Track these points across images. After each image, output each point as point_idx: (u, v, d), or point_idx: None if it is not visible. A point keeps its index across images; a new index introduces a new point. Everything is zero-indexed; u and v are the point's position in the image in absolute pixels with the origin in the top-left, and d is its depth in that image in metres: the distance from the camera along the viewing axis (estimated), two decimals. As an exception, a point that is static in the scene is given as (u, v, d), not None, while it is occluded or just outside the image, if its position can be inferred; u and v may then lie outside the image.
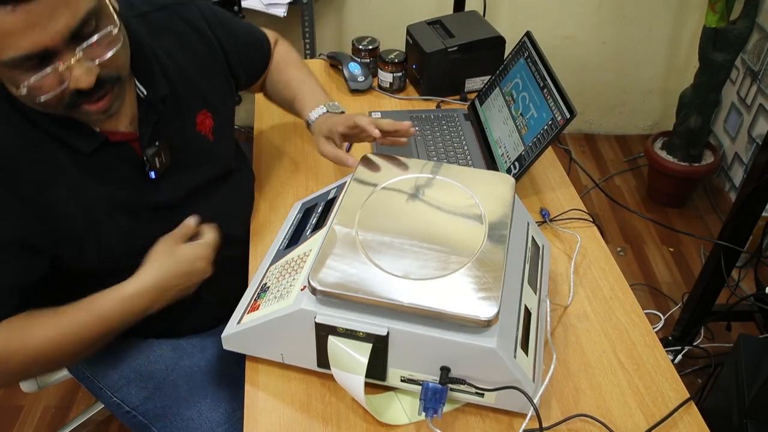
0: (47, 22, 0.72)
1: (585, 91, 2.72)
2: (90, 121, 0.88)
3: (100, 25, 0.79)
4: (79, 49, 0.77)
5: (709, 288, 1.72)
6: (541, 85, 1.21)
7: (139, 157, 0.94)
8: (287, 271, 0.93)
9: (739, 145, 2.43)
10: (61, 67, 0.76)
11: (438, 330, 0.80)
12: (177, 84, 0.99)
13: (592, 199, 2.48)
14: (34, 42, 0.72)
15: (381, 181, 0.96)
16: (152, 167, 0.95)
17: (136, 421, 1.06)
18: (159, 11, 1.01)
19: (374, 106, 1.51)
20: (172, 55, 1.00)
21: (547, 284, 1.03)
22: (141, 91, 0.94)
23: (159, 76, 0.96)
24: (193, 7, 1.06)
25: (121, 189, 0.93)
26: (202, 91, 1.04)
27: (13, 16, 0.69)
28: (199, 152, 1.04)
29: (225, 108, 1.10)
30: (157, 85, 0.95)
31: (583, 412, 0.87)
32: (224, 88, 1.11)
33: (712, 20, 2.06)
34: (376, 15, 2.52)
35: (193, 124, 1.03)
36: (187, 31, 1.04)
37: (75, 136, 0.88)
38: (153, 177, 0.96)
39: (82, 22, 0.75)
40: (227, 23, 1.12)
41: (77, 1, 0.74)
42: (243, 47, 1.16)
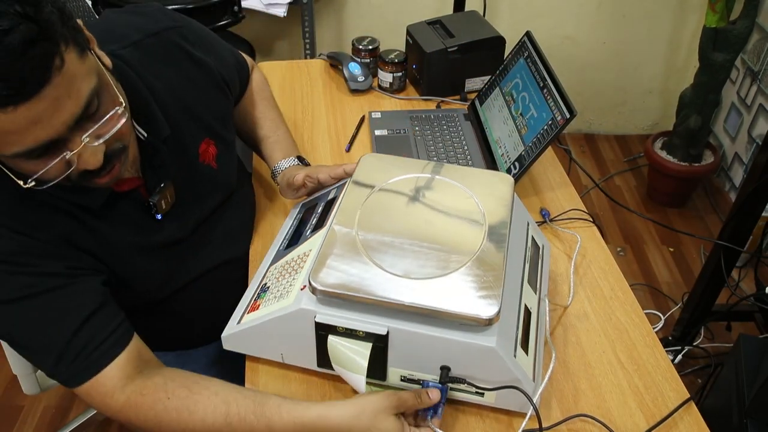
0: (51, 116, 0.68)
1: (585, 91, 2.72)
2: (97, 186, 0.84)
3: (103, 102, 0.75)
4: (86, 135, 0.74)
5: (709, 288, 1.72)
6: (541, 85, 1.21)
7: (145, 200, 0.92)
8: (287, 271, 0.93)
9: (739, 145, 2.43)
10: (68, 155, 0.73)
11: (438, 329, 0.80)
12: (177, 118, 0.96)
13: (592, 199, 2.48)
14: (38, 137, 0.69)
15: (381, 181, 0.96)
16: (158, 210, 0.93)
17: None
18: (151, 38, 0.96)
19: (374, 106, 1.51)
20: (168, 84, 0.96)
21: (547, 284, 1.03)
22: (141, 134, 0.90)
23: (158, 115, 0.92)
24: (184, 30, 1.01)
25: (132, 232, 0.92)
26: (202, 119, 1.01)
27: (15, 116, 0.65)
28: (204, 183, 1.02)
29: (226, 131, 1.08)
30: (157, 127, 0.92)
31: (583, 412, 0.87)
32: (223, 109, 1.08)
33: (712, 20, 2.06)
34: (376, 15, 2.52)
35: (196, 156, 1.00)
36: (180, 57, 0.99)
37: (81, 195, 0.85)
38: (159, 218, 0.94)
39: (86, 106, 0.72)
40: (213, 45, 1.08)
41: (79, 88, 0.70)
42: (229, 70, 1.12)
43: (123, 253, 0.91)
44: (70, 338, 0.81)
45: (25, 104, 0.65)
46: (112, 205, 0.89)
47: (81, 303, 0.83)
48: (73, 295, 0.83)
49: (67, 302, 0.82)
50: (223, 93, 1.07)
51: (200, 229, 1.03)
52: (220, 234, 1.07)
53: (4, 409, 1.75)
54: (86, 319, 0.82)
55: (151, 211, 0.93)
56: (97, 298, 0.85)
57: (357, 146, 1.39)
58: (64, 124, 0.70)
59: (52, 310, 0.81)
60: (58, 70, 0.67)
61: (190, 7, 1.86)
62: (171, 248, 0.98)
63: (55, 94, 0.67)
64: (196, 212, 1.01)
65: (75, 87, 0.70)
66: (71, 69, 0.68)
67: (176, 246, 0.99)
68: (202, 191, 1.02)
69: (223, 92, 1.07)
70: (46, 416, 1.73)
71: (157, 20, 0.99)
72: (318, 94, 1.55)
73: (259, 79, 1.27)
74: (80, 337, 0.82)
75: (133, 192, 0.92)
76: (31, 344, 0.83)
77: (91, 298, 0.84)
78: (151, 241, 0.95)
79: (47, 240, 0.82)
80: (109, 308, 0.86)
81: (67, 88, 0.69)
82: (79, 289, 0.84)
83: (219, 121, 1.05)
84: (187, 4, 1.86)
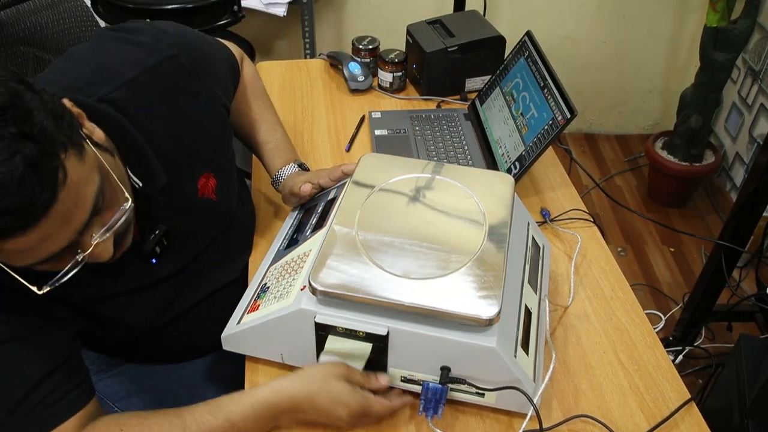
0: (60, 229, 0.68)
1: (585, 90, 2.71)
2: None
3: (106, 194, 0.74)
4: (96, 235, 0.73)
5: (710, 288, 1.72)
6: (542, 84, 1.21)
7: (139, 247, 0.90)
8: (287, 271, 0.93)
9: (740, 145, 2.42)
10: (80, 257, 0.73)
11: (438, 329, 0.79)
12: (174, 159, 0.92)
13: (593, 199, 2.48)
14: (50, 250, 0.69)
15: (381, 181, 0.96)
16: (153, 255, 0.91)
17: None
18: (145, 74, 0.90)
19: (374, 106, 1.50)
20: (164, 123, 0.91)
21: (548, 284, 1.03)
22: (136, 183, 0.86)
23: (154, 163, 0.88)
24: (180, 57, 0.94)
25: (126, 280, 0.90)
26: (200, 154, 0.97)
27: (25, 238, 0.65)
28: (203, 217, 1.00)
29: (225, 158, 1.04)
30: (153, 176, 0.88)
31: (584, 413, 0.87)
32: (221, 136, 1.03)
33: (713, 20, 2.06)
34: (376, 15, 2.52)
35: (194, 193, 0.97)
36: (177, 91, 0.94)
37: None
38: (155, 263, 0.93)
39: (93, 210, 0.71)
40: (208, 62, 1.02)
41: (84, 194, 0.70)
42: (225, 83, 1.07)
43: (117, 300, 0.90)
44: (24, 396, 0.77)
45: (36, 226, 0.65)
46: None
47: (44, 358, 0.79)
48: (37, 348, 0.79)
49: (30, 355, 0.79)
50: (221, 117, 1.03)
51: (199, 258, 1.01)
52: (219, 258, 1.04)
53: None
54: (46, 376, 0.78)
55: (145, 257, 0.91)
56: (61, 354, 0.81)
57: (357, 146, 1.38)
58: (74, 232, 0.70)
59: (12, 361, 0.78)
60: (63, 184, 0.66)
61: (190, 6, 1.86)
62: (167, 283, 0.96)
63: (62, 209, 0.66)
64: (193, 246, 0.99)
65: (80, 195, 0.69)
66: (74, 178, 0.67)
67: (173, 280, 0.97)
68: (200, 225, 1.00)
69: (221, 117, 1.03)
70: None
71: (153, 51, 0.92)
72: (318, 93, 1.55)
73: (250, 73, 1.21)
74: (35, 394, 0.77)
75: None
76: None
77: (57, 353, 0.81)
78: (147, 281, 0.93)
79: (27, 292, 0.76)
80: (73, 364, 0.83)
81: (74, 198, 0.68)
82: (46, 342, 0.81)
83: (218, 150, 1.02)
84: (186, 3, 1.86)
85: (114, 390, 1.08)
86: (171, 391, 1.06)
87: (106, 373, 1.10)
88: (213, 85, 1.01)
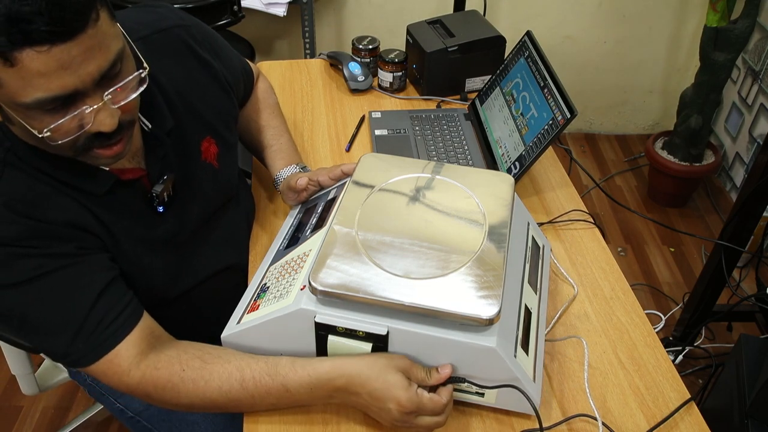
0: (80, 64, 0.70)
1: (585, 90, 2.71)
2: (98, 163, 0.85)
3: (124, 67, 0.77)
4: (107, 93, 0.75)
5: (710, 288, 1.72)
6: (542, 84, 1.21)
7: (148, 192, 0.93)
8: (287, 271, 0.93)
9: (740, 145, 2.42)
10: (87, 111, 0.74)
11: (438, 329, 0.79)
12: (181, 113, 0.97)
13: (593, 199, 2.48)
14: (65, 84, 0.70)
15: (381, 181, 0.96)
16: (160, 203, 0.94)
17: (140, 426, 1.06)
18: (158, 34, 0.97)
19: (374, 106, 1.50)
20: (173, 80, 0.97)
21: (548, 284, 1.03)
22: (145, 125, 0.92)
23: (163, 108, 0.94)
24: (192, 29, 1.02)
25: (135, 222, 0.92)
26: (205, 118, 1.02)
27: (47, 57, 0.67)
28: (206, 181, 1.02)
29: (229, 133, 1.08)
30: (162, 119, 0.93)
31: (584, 413, 0.87)
32: (226, 110, 1.08)
33: (713, 20, 2.06)
34: (376, 15, 2.52)
35: (198, 153, 1.01)
36: (187, 55, 1.01)
37: (86, 180, 0.86)
38: (161, 210, 0.94)
39: (112, 64, 0.73)
40: (221, 48, 1.09)
41: (109, 43, 0.72)
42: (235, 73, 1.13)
43: (125, 245, 0.91)
44: (87, 313, 0.82)
45: (60, 46, 0.67)
46: (116, 193, 0.89)
47: (93, 279, 0.84)
48: (84, 272, 0.84)
49: (79, 279, 0.83)
50: (228, 95, 1.07)
51: (201, 230, 1.03)
52: (219, 238, 1.07)
53: (4, 410, 1.74)
54: (100, 295, 0.84)
55: (153, 202, 0.94)
56: (108, 273, 0.86)
57: (357, 146, 1.38)
58: (90, 75, 0.71)
59: (65, 287, 0.82)
60: (94, 22, 0.69)
61: (190, 6, 1.86)
62: (172, 245, 0.98)
63: (88, 43, 0.69)
64: (196, 210, 1.01)
65: (106, 42, 0.72)
66: (104, 26, 0.71)
67: (177, 244, 0.99)
68: (203, 189, 1.02)
69: (227, 94, 1.07)
70: (45, 417, 1.73)
71: (166, 18, 1.00)
72: (318, 93, 1.55)
73: (264, 87, 1.27)
74: (96, 311, 0.83)
75: (136, 182, 0.92)
76: (46, 323, 0.83)
77: (103, 274, 0.86)
78: (152, 235, 0.95)
79: (54, 223, 0.82)
80: (120, 284, 0.88)
81: (99, 41, 0.71)
82: (90, 267, 0.85)
83: (222, 122, 1.05)
84: (186, 3, 1.86)
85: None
86: None
87: None
88: (223, 68, 1.06)
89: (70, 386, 1.79)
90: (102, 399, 1.10)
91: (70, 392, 1.79)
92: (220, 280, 1.06)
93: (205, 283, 1.04)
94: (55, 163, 0.83)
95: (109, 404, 1.09)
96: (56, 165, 0.83)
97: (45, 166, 0.82)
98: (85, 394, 1.76)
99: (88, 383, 1.11)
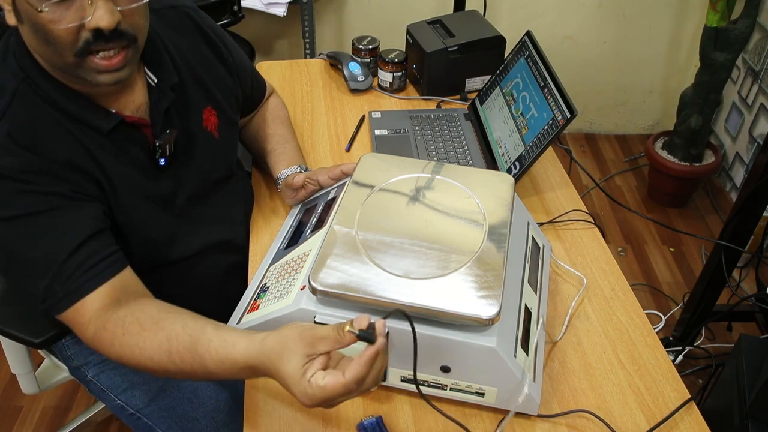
0: None
1: (585, 90, 2.71)
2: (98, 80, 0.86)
3: None
4: None
5: (710, 288, 1.72)
6: (542, 84, 1.21)
7: (150, 144, 0.96)
8: (287, 271, 0.93)
9: (740, 145, 2.42)
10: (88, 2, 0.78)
11: (438, 329, 0.79)
12: (185, 77, 1.01)
13: (593, 199, 2.48)
14: None
15: (381, 181, 0.96)
16: (162, 154, 0.96)
17: (140, 423, 1.06)
18: (169, 10, 1.03)
19: (374, 106, 1.50)
20: (180, 48, 1.02)
21: (548, 284, 1.03)
22: (151, 79, 0.96)
23: (169, 65, 0.98)
24: (201, 14, 1.08)
25: (134, 171, 0.95)
26: (208, 89, 1.05)
27: None
28: (205, 148, 1.05)
29: (231, 110, 1.11)
30: (167, 74, 0.98)
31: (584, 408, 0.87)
32: (230, 89, 1.11)
33: (713, 20, 2.06)
34: (376, 15, 2.52)
35: (199, 120, 1.04)
36: (195, 33, 1.06)
37: (93, 115, 0.90)
38: (163, 163, 0.97)
39: None
40: (230, 42, 1.14)
41: None
42: (244, 68, 1.17)
43: (122, 192, 0.93)
44: (69, 255, 0.84)
45: None
46: (119, 135, 0.92)
47: (84, 224, 0.86)
48: (76, 216, 0.86)
49: (70, 221, 0.85)
50: (233, 80, 1.12)
51: (197, 199, 1.04)
52: (217, 213, 1.09)
53: (4, 410, 1.74)
54: (86, 240, 0.85)
55: (155, 154, 0.96)
56: (96, 223, 0.88)
57: (357, 146, 1.38)
58: None
59: (55, 227, 0.85)
60: None
61: (190, 6, 1.86)
62: (169, 207, 1.00)
63: None
64: (194, 176, 1.03)
65: None
66: None
67: (174, 206, 1.01)
68: (202, 156, 1.04)
69: (232, 78, 1.11)
70: (45, 417, 1.73)
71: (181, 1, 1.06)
72: (318, 93, 1.55)
73: (277, 102, 1.32)
74: (78, 255, 0.84)
75: (139, 132, 0.95)
76: (32, 262, 0.85)
77: (93, 222, 0.87)
78: (151, 189, 0.97)
79: (54, 160, 0.85)
80: (108, 237, 0.89)
81: None
82: (82, 212, 0.87)
83: (225, 98, 1.09)
84: (187, 3, 1.86)
85: (117, 382, 1.09)
86: (173, 382, 1.06)
87: (108, 364, 1.10)
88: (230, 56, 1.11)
89: (70, 386, 1.79)
90: (102, 396, 1.10)
91: (70, 392, 1.79)
92: (213, 255, 1.08)
93: (198, 256, 1.06)
94: (66, 95, 0.87)
95: (110, 401, 1.09)
96: (67, 97, 0.87)
97: (56, 97, 0.86)
98: (86, 394, 1.77)
99: (89, 380, 1.11)
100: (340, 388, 0.68)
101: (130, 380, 1.08)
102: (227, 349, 0.78)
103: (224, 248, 1.10)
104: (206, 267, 1.08)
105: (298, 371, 0.70)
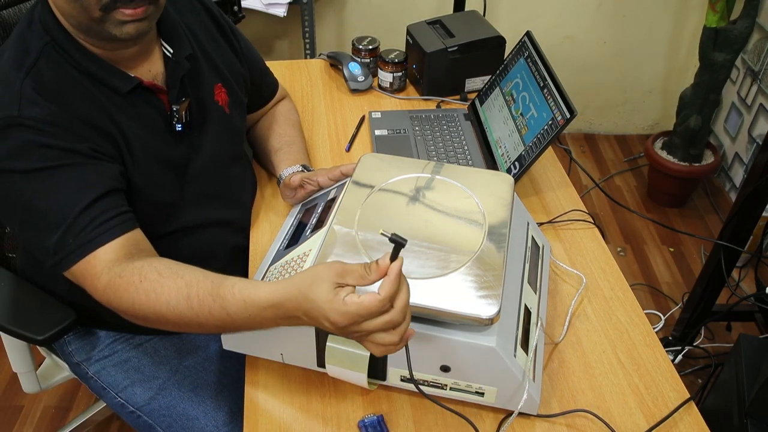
0: None
1: (585, 90, 2.72)
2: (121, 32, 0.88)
3: None
4: None
5: (710, 288, 1.72)
6: (541, 84, 1.21)
7: (167, 110, 0.99)
8: (287, 271, 0.93)
9: (739, 145, 2.43)
10: None
11: (438, 329, 0.80)
12: (197, 51, 1.06)
13: (592, 199, 2.48)
14: None
15: (381, 181, 0.96)
16: (180, 120, 1.00)
17: (140, 421, 1.06)
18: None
19: (374, 106, 1.51)
20: (191, 27, 1.06)
21: (547, 284, 1.03)
22: (167, 50, 1.00)
23: (184, 38, 1.03)
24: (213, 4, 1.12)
25: (151, 134, 0.97)
26: (219, 67, 1.09)
27: None
28: (217, 121, 1.08)
29: (240, 90, 1.14)
30: (182, 45, 1.01)
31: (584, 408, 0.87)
32: (239, 72, 1.15)
33: (713, 20, 2.06)
34: (376, 15, 2.52)
35: (211, 93, 1.07)
36: (206, 17, 1.11)
37: (113, 77, 0.93)
38: (179, 129, 1.00)
39: None
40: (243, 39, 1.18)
41: None
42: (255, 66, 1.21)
43: (138, 152, 0.95)
44: (83, 209, 0.86)
45: None
46: (137, 98, 0.96)
47: (100, 182, 0.88)
48: (93, 173, 0.88)
49: (86, 177, 0.88)
50: (240, 61, 1.15)
51: (210, 172, 1.07)
52: (225, 190, 1.11)
53: (4, 409, 1.75)
54: (101, 196, 0.87)
55: (172, 119, 0.99)
56: (112, 182, 0.90)
57: (357, 146, 1.39)
58: None
59: (72, 182, 0.87)
60: None
61: (190, 6, 1.86)
62: (182, 173, 1.02)
63: None
64: (208, 147, 1.06)
65: None
66: None
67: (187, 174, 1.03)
68: (214, 127, 1.07)
69: (242, 65, 1.16)
70: (45, 416, 1.73)
71: None
72: (318, 94, 1.55)
73: (289, 106, 1.34)
74: (93, 209, 0.86)
75: (156, 97, 0.98)
76: (47, 216, 0.86)
77: (109, 181, 0.90)
78: (166, 153, 0.99)
79: (75, 116, 0.88)
80: (122, 197, 0.92)
81: None
82: (99, 170, 0.89)
83: (234, 79, 1.12)
84: (187, 3, 1.86)
85: (117, 380, 1.09)
86: (173, 380, 1.06)
87: (109, 361, 1.10)
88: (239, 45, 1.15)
89: (71, 386, 1.79)
90: (103, 393, 1.10)
91: (70, 392, 1.79)
92: (218, 231, 1.10)
93: (203, 229, 1.08)
94: (88, 57, 0.91)
95: (110, 398, 1.09)
96: (89, 58, 0.91)
97: (78, 58, 0.90)
98: (86, 394, 1.77)
99: (89, 377, 1.12)
100: (377, 303, 0.70)
101: (130, 378, 1.08)
102: (250, 290, 0.78)
103: (229, 226, 1.12)
104: (210, 242, 1.09)
105: (331, 293, 0.72)
